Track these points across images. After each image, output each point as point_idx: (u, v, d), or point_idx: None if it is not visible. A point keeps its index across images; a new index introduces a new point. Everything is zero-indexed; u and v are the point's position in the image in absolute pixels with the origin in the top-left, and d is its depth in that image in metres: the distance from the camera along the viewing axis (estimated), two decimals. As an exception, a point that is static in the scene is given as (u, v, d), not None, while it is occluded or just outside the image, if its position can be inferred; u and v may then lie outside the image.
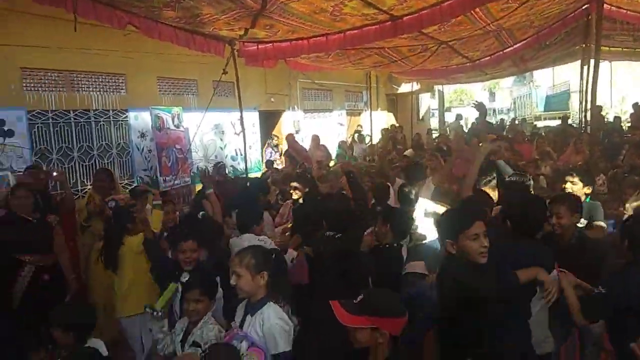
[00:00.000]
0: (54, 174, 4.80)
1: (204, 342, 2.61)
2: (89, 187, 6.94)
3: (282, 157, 10.07)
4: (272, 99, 10.78)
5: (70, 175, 6.64)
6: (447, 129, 15.29)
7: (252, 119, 10.05)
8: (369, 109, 14.21)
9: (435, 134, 15.39)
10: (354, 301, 1.98)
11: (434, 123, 20.95)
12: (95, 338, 2.75)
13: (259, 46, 6.56)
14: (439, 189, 4.37)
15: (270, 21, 5.13)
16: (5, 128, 5.98)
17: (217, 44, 6.20)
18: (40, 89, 6.43)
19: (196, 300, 2.70)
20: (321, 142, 10.02)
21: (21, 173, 5.62)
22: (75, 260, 4.22)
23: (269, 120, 11.31)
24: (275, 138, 11.07)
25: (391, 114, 16.75)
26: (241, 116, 7.00)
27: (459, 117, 15.93)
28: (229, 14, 4.81)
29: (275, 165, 9.20)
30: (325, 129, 12.61)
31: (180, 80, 8.59)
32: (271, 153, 10.46)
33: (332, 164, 9.66)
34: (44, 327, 2.68)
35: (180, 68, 8.25)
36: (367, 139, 13.00)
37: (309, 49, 6.35)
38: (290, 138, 7.31)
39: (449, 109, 28.07)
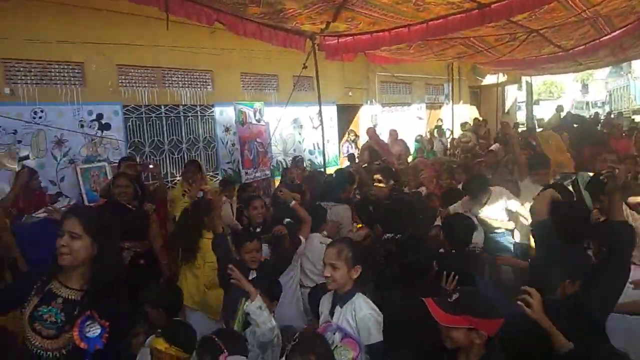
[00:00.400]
0: (150, 166, 5.11)
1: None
2: (177, 178, 7.35)
3: (360, 151, 10.02)
4: (350, 93, 10.77)
5: (161, 167, 7.03)
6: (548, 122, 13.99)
7: (331, 113, 10.10)
8: (451, 102, 13.76)
9: (522, 128, 14.55)
10: (449, 300, 1.94)
11: (521, 116, 19.87)
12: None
13: (339, 40, 6.56)
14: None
15: (352, 14, 5.09)
16: (103, 122, 6.47)
17: (299, 38, 6.27)
18: (134, 85, 6.87)
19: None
20: (399, 137, 9.86)
21: (116, 164, 6.07)
22: (166, 247, 4.45)
23: (346, 114, 11.31)
24: (353, 133, 11.06)
25: (474, 107, 16.12)
26: (320, 110, 7.04)
27: (559, 109, 14.58)
28: (312, 8, 4.84)
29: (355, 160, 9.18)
30: (403, 123, 12.39)
31: (262, 75, 8.81)
32: (348, 148, 10.46)
33: (410, 159, 9.49)
34: (140, 307, 2.87)
35: (261, 64, 8.46)
36: (448, 133, 12.60)
37: (390, 41, 6.23)
38: (371, 131, 7.26)
39: (537, 102, 26.49)
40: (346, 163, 9.07)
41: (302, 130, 9.65)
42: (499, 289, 3.75)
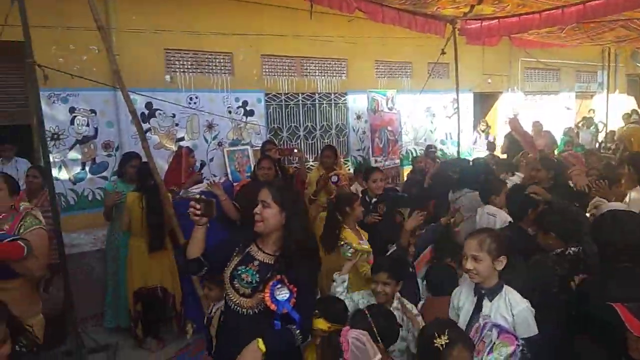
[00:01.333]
0: (295, 150, 5.38)
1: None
2: (311, 162, 7.63)
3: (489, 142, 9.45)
4: (489, 80, 10.17)
5: (296, 152, 7.36)
6: None
7: (467, 101, 9.65)
8: (605, 92, 12.30)
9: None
10: None
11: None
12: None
13: (483, 23, 6.22)
14: None
15: (500, -5, 4.79)
16: (248, 108, 6.95)
17: (438, 23, 6.08)
18: (276, 74, 7.25)
19: (384, 283, 2.76)
20: (544, 129, 9.06)
21: (258, 147, 6.49)
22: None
23: (484, 103, 10.73)
24: (484, 123, 10.46)
25: (632, 98, 14.22)
26: (457, 98, 6.76)
27: None
28: (456, -9, 4.65)
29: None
30: (548, 113, 11.38)
31: (396, 63, 8.71)
32: (477, 138, 9.91)
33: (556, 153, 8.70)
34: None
35: (396, 51, 8.36)
36: (601, 126, 11.31)
37: (540, 24, 5.75)
38: (514, 121, 6.78)
39: None
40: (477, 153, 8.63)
41: (435, 119, 9.37)
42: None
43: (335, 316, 2.46)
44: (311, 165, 7.54)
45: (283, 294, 2.05)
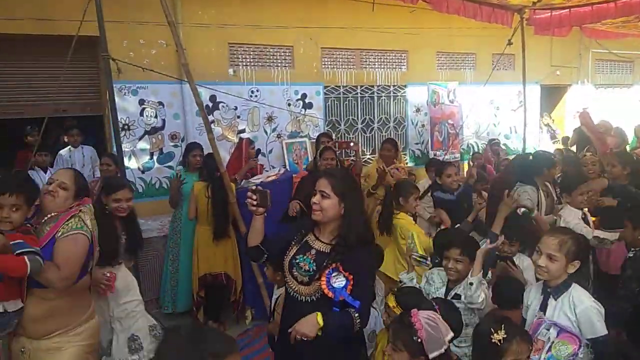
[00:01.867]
0: (352, 144, 5.39)
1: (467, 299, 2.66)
2: (368, 156, 7.61)
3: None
4: (558, 72, 9.69)
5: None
6: None
7: (533, 94, 9.24)
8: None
9: None
10: None
11: None
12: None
13: (553, 13, 5.95)
14: None
15: (574, -18, 4.55)
16: (307, 101, 7.01)
17: (505, 13, 5.88)
18: (335, 66, 7.26)
19: (456, 260, 2.72)
20: (615, 125, 8.51)
21: (313, 140, 6.54)
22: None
23: (551, 96, 10.24)
24: (547, 117, 9.98)
25: None
26: (524, 91, 6.50)
27: None
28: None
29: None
30: (620, 107, 10.70)
31: (458, 54, 8.47)
32: (539, 132, 9.47)
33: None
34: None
35: (459, 42, 8.13)
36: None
37: (615, 13, 5.44)
38: (585, 114, 6.42)
39: None
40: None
41: (498, 112, 9.05)
42: None
43: (402, 299, 2.52)
44: (368, 159, 7.52)
45: (339, 282, 2.09)
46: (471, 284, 2.53)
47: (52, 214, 2.36)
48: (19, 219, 2.22)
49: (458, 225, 3.85)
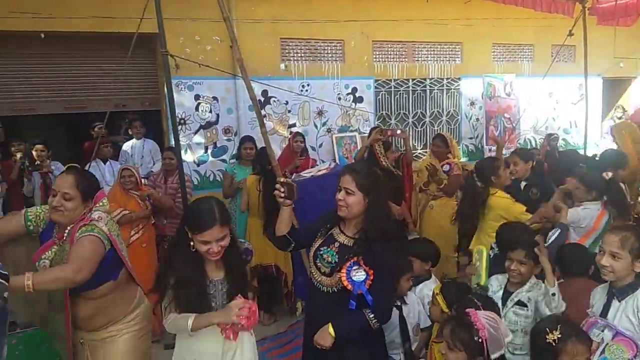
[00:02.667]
0: (398, 131, 5.30)
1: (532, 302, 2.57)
2: (419, 150, 7.48)
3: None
4: (622, 64, 9.13)
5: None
6: None
7: (595, 86, 8.77)
8: None
9: None
10: None
11: None
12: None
13: (618, 2, 5.62)
14: None
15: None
16: (357, 95, 6.97)
17: (566, 3, 5.64)
18: (386, 59, 7.18)
19: (520, 262, 2.62)
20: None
21: (365, 134, 6.48)
22: (409, 209, 4.93)
23: (614, 89, 9.68)
24: (620, 109, 9.43)
25: None
26: (585, 83, 6.17)
27: None
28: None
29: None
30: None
31: (515, 45, 8.16)
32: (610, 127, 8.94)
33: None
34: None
35: (516, 33, 7.82)
36: None
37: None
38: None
39: None
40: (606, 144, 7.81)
41: (558, 105, 8.66)
42: None
43: (445, 291, 2.57)
44: (420, 153, 7.40)
45: (359, 275, 2.12)
46: (554, 294, 2.42)
47: (69, 228, 2.23)
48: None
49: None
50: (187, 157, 5.89)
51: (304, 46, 6.63)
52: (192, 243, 2.08)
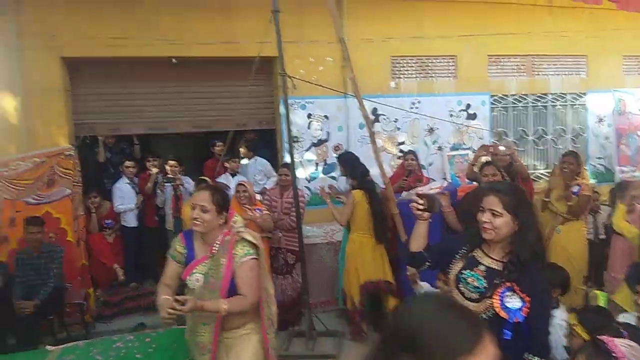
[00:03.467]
0: (501, 148, 4.97)
1: None
2: (540, 170, 7.00)
3: None
4: None
5: (524, 159, 6.81)
6: None
7: None
8: None
9: None
10: None
11: None
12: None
13: None
14: None
15: None
16: (470, 111, 6.72)
17: None
18: (503, 74, 6.86)
19: None
20: None
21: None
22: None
23: None
24: None
25: None
26: None
27: None
28: None
29: None
30: None
31: (650, 57, 7.39)
32: None
33: None
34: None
35: (650, 43, 7.09)
36: None
37: None
38: None
39: None
40: None
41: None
42: None
43: (588, 321, 2.31)
44: (541, 174, 6.92)
45: (514, 302, 1.93)
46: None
47: (217, 243, 2.49)
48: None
49: None
50: (300, 173, 6.05)
51: (414, 63, 6.57)
52: None
